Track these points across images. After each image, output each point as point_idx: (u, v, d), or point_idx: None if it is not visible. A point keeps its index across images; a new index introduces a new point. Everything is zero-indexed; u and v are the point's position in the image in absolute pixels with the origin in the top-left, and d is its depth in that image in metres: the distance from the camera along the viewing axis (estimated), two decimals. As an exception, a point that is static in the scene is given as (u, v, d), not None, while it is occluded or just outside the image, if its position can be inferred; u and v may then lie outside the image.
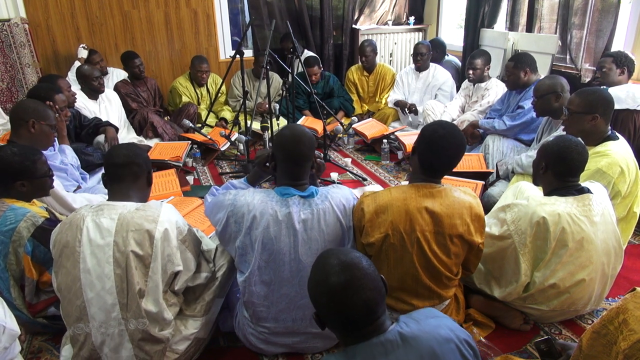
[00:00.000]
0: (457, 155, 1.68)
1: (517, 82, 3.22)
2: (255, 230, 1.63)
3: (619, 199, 2.15)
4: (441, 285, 1.73)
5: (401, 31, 5.45)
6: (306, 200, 1.66)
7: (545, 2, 3.96)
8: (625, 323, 1.10)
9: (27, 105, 2.35)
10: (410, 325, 1.11)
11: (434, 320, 1.15)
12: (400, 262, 1.67)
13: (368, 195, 1.73)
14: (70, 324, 1.56)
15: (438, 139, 1.64)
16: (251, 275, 1.67)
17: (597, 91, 2.26)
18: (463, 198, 1.67)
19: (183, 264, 1.62)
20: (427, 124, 1.77)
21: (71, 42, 4.45)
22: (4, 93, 4.17)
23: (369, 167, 3.83)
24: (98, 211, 1.56)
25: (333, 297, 1.08)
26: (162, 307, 1.57)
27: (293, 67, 3.58)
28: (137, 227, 1.52)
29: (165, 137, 4.04)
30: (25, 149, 1.94)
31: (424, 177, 1.70)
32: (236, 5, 5.28)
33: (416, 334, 1.08)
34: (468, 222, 1.66)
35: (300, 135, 1.67)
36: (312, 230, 1.65)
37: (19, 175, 1.85)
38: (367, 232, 1.67)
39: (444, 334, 1.10)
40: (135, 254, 1.51)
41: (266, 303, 1.71)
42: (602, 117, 2.18)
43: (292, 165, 1.68)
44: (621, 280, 2.16)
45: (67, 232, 1.55)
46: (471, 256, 1.78)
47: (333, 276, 1.08)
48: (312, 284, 1.14)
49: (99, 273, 1.50)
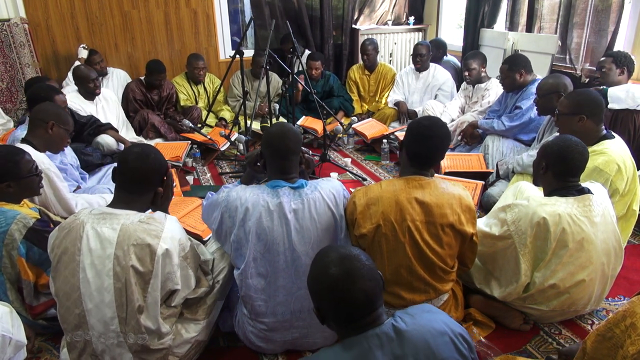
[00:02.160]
0: (442, 144, 1.74)
1: (513, 84, 3.23)
2: (249, 221, 1.66)
3: (618, 197, 2.15)
4: (436, 277, 1.73)
5: (401, 31, 5.45)
6: (296, 190, 1.70)
7: (545, 2, 3.96)
8: (633, 327, 1.09)
9: (48, 108, 2.42)
10: (405, 319, 1.13)
11: (428, 315, 1.16)
12: (394, 253, 1.69)
13: (360, 189, 1.77)
14: (68, 331, 1.54)
15: (423, 129, 1.71)
16: (247, 267, 1.69)
17: (585, 92, 2.27)
18: (452, 190, 1.72)
19: (182, 281, 1.58)
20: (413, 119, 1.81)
21: (71, 42, 4.45)
22: (4, 93, 4.17)
23: (369, 167, 3.83)
24: (100, 219, 1.50)
25: (334, 286, 1.10)
26: (160, 322, 1.55)
27: (293, 67, 3.57)
28: (139, 240, 1.47)
29: (169, 137, 4.05)
30: (6, 149, 1.93)
31: (413, 170, 1.75)
32: (236, 5, 5.28)
33: (410, 328, 1.10)
34: (458, 212, 1.69)
35: (285, 131, 1.74)
36: (304, 219, 1.68)
37: (4, 176, 1.83)
38: (359, 224, 1.70)
39: (438, 327, 1.12)
40: (136, 269, 1.47)
41: (263, 296, 1.72)
42: (589, 118, 2.18)
43: (280, 160, 1.73)
44: (621, 280, 2.16)
45: (66, 238, 1.51)
46: (466, 250, 1.80)
47: (333, 267, 1.11)
48: (312, 276, 1.17)
49: (99, 285, 1.47)
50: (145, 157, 1.57)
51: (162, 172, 1.64)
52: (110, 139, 3.40)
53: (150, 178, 1.60)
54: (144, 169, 1.57)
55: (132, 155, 1.57)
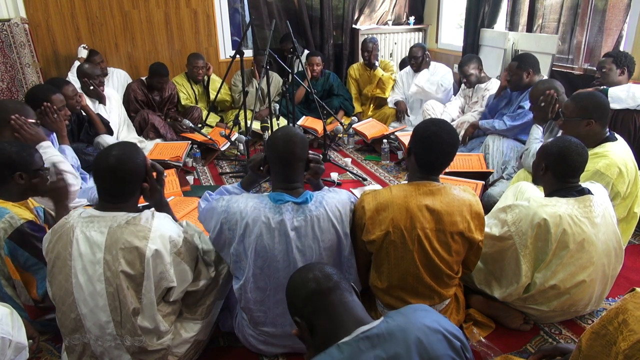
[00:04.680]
0: (452, 150, 1.70)
1: (519, 83, 3.20)
2: (248, 237, 1.62)
3: (619, 200, 2.15)
4: (442, 284, 1.73)
5: (401, 31, 5.45)
6: (300, 206, 1.64)
7: (545, 1, 3.96)
8: (625, 323, 1.10)
9: (6, 105, 2.33)
10: (396, 318, 1.12)
11: (421, 313, 1.16)
12: (402, 261, 1.67)
13: (369, 193, 1.73)
14: (66, 335, 1.54)
15: (431, 135, 1.66)
16: (246, 282, 1.66)
17: (592, 96, 2.25)
18: (463, 196, 1.69)
19: (178, 277, 1.56)
20: (419, 123, 1.79)
21: (71, 42, 4.45)
22: (4, 93, 4.17)
23: (369, 167, 3.83)
24: (88, 222, 1.50)
25: (310, 291, 1.15)
26: (158, 321, 1.54)
27: (293, 67, 3.57)
28: (127, 244, 1.46)
29: (168, 137, 4.06)
30: (20, 142, 1.93)
31: (422, 176, 1.72)
32: (236, 5, 5.28)
33: (402, 326, 1.09)
34: (468, 220, 1.67)
35: (292, 136, 1.67)
36: (306, 237, 1.63)
37: (18, 166, 1.82)
38: (368, 230, 1.67)
39: (430, 324, 1.11)
40: (126, 274, 1.46)
41: (262, 308, 1.70)
42: (597, 122, 2.18)
43: (285, 167, 1.68)
44: (621, 280, 2.16)
45: (58, 242, 1.50)
46: (471, 255, 1.79)
47: (309, 279, 1.16)
48: (290, 294, 1.20)
49: (91, 290, 1.46)
50: (117, 165, 1.52)
51: (139, 175, 1.59)
52: (111, 139, 3.40)
53: (128, 184, 1.57)
54: (118, 179, 1.53)
55: (104, 165, 1.53)
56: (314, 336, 1.14)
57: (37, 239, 1.73)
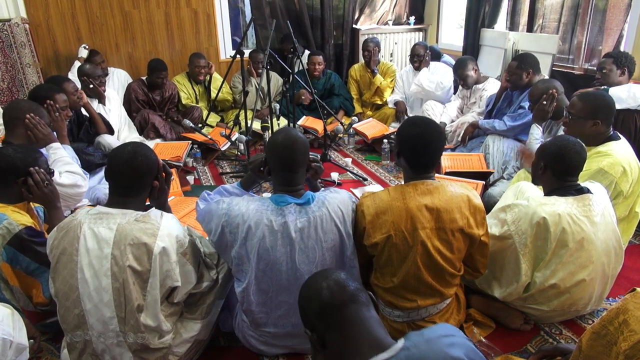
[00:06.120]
0: (440, 147, 1.72)
1: (519, 83, 3.21)
2: (251, 241, 1.61)
3: (621, 199, 2.15)
4: (443, 283, 1.73)
5: (401, 31, 5.45)
6: (302, 207, 1.63)
7: (546, 1, 3.96)
8: (625, 324, 1.10)
9: (21, 105, 2.36)
10: (420, 345, 1.02)
11: (445, 340, 1.05)
12: (404, 262, 1.67)
13: (367, 196, 1.73)
14: (68, 331, 1.54)
15: (416, 137, 1.66)
16: (249, 285, 1.66)
17: (600, 97, 2.25)
18: (459, 191, 1.69)
19: (182, 278, 1.58)
20: (401, 124, 1.78)
21: (72, 42, 4.45)
22: (4, 93, 4.17)
23: (370, 167, 3.83)
24: (97, 219, 1.51)
25: (323, 304, 1.07)
26: (161, 319, 1.55)
27: (293, 67, 3.58)
28: (136, 240, 1.47)
29: (168, 137, 4.06)
30: (25, 146, 1.94)
31: (416, 175, 1.72)
32: (237, 5, 5.28)
33: (425, 356, 1.00)
34: (467, 215, 1.67)
35: (292, 141, 1.64)
36: (309, 238, 1.62)
37: (26, 167, 1.83)
38: (369, 234, 1.67)
39: (455, 354, 1.01)
40: (133, 269, 1.47)
41: (265, 310, 1.70)
42: (603, 123, 2.19)
43: (285, 172, 1.66)
44: (622, 280, 2.16)
45: (64, 239, 1.51)
46: (476, 254, 1.77)
47: (323, 289, 1.08)
48: (302, 304, 1.12)
49: (97, 285, 1.47)
50: (132, 158, 1.55)
51: (152, 170, 1.62)
52: (112, 139, 3.40)
53: (141, 178, 1.59)
54: (133, 170, 1.56)
55: (119, 158, 1.56)
56: (325, 351, 1.06)
57: (36, 243, 1.74)
